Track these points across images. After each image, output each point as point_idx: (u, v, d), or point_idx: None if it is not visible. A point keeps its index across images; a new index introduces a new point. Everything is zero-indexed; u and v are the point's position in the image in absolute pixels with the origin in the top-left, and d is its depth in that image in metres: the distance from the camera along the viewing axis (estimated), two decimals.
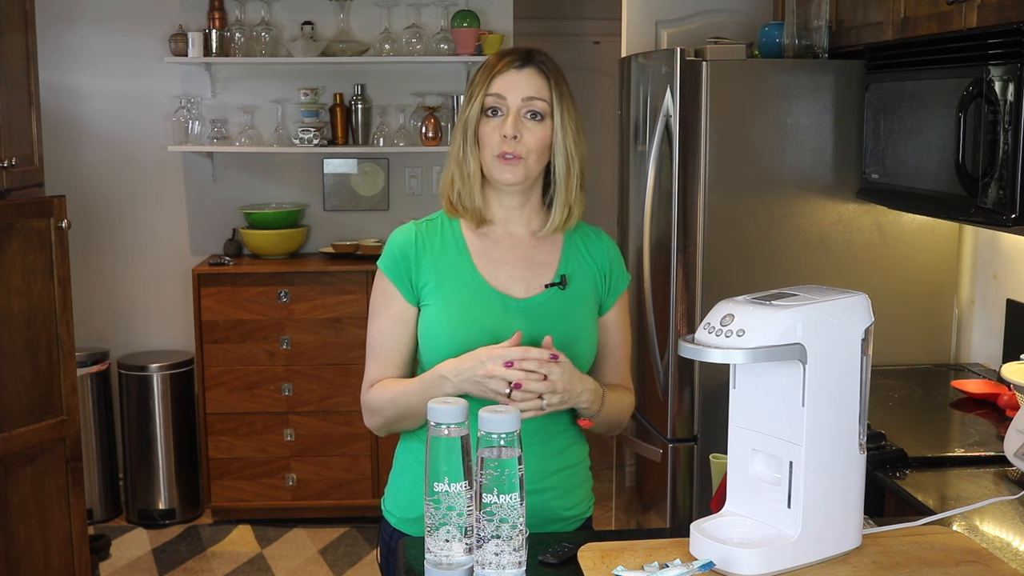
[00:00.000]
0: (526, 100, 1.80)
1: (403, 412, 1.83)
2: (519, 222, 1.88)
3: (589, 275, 1.89)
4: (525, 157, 1.80)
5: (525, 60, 1.83)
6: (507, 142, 1.78)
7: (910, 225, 2.92)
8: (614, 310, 1.92)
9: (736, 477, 1.57)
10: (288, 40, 4.54)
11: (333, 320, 4.34)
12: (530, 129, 1.80)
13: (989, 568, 1.50)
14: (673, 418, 2.93)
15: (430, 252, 1.85)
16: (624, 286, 1.94)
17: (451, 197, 1.86)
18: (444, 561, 1.48)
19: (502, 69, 1.81)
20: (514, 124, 1.79)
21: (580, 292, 1.87)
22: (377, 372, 1.86)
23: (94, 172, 4.67)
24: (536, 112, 1.80)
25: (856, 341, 1.49)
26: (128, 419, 4.49)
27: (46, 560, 3.11)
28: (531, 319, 1.81)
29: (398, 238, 1.87)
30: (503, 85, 1.81)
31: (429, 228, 1.88)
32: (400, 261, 1.85)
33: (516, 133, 1.78)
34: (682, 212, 2.88)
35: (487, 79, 1.82)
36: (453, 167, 1.85)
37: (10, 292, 2.94)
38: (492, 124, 1.81)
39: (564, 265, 1.88)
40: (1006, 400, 2.45)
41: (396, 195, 4.79)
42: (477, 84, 1.83)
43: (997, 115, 2.11)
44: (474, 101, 1.82)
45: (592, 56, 6.38)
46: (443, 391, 1.73)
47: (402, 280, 1.84)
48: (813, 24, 2.95)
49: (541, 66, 1.83)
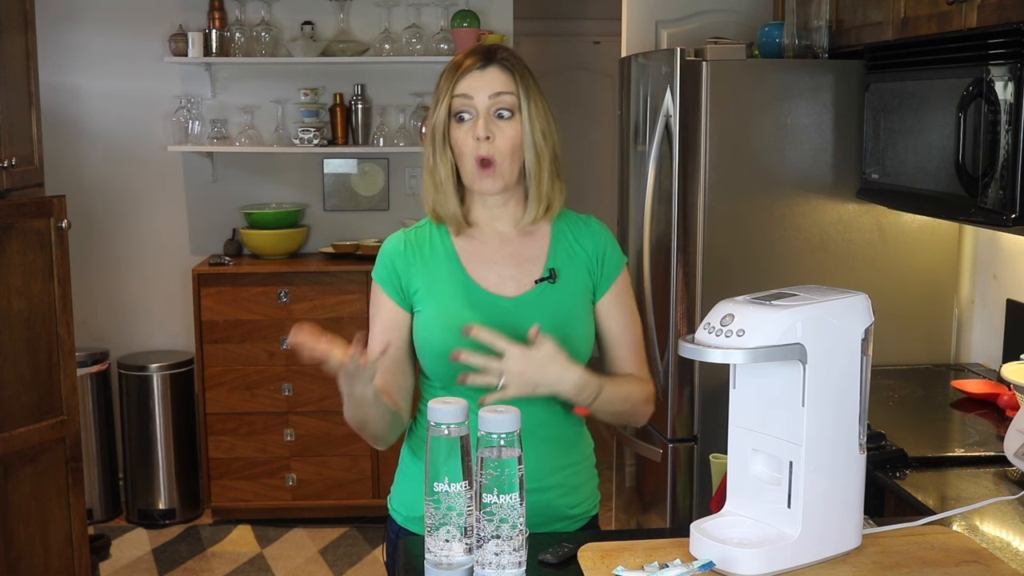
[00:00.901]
0: (493, 97, 1.80)
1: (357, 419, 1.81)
2: (505, 219, 1.89)
3: (580, 264, 1.89)
4: (500, 163, 1.80)
5: (488, 59, 1.82)
6: (481, 144, 1.78)
7: (910, 225, 2.92)
8: (611, 294, 1.90)
9: (736, 477, 1.57)
10: (288, 40, 4.54)
11: (333, 320, 4.34)
12: (501, 129, 1.80)
13: (989, 568, 1.50)
14: (673, 418, 2.93)
15: (419, 259, 1.86)
16: (619, 270, 1.92)
17: (433, 207, 1.87)
18: (444, 561, 1.48)
19: (466, 71, 1.81)
20: (485, 125, 1.79)
21: (571, 283, 1.87)
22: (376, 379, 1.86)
23: (94, 172, 4.67)
24: (505, 109, 1.80)
25: (856, 341, 1.49)
26: (128, 419, 4.49)
27: (46, 560, 3.11)
28: (523, 316, 1.81)
29: (387, 248, 1.90)
30: (468, 86, 1.80)
31: (418, 235, 1.90)
32: (391, 270, 1.87)
33: (488, 133, 1.78)
34: (682, 212, 2.88)
35: (451, 81, 1.81)
36: (426, 176, 1.86)
37: (10, 292, 2.94)
38: (463, 129, 1.80)
39: (552, 258, 1.87)
40: (1006, 400, 2.45)
41: (396, 195, 4.79)
42: (442, 88, 1.82)
43: (997, 115, 2.11)
44: (440, 105, 1.81)
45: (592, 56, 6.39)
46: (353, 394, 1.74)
47: (393, 288, 1.86)
48: (813, 24, 2.95)
49: (504, 63, 1.82)
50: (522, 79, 1.82)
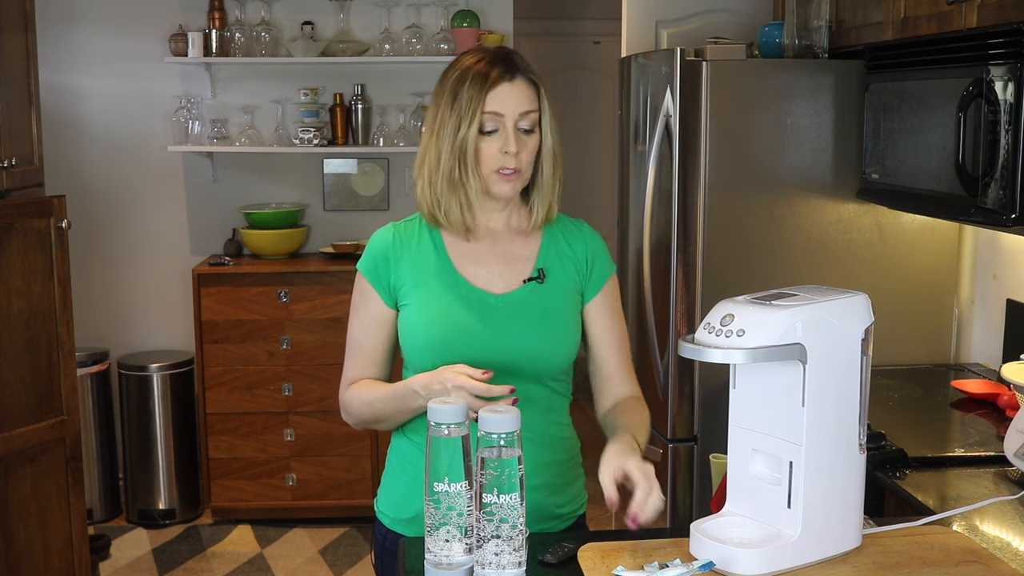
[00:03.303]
0: (522, 115, 1.80)
1: (377, 417, 1.86)
2: (499, 220, 1.90)
3: (570, 266, 1.90)
4: (523, 171, 1.82)
5: (512, 70, 1.80)
6: (508, 158, 1.79)
7: (910, 225, 2.92)
8: (599, 299, 1.91)
9: (736, 477, 1.57)
10: (288, 40, 4.54)
11: (333, 320, 4.34)
12: (524, 143, 1.81)
13: (989, 568, 1.50)
14: (673, 418, 2.93)
15: (408, 253, 1.87)
16: (607, 276, 1.92)
17: (435, 213, 1.86)
18: (444, 561, 1.48)
19: (495, 83, 1.78)
20: (516, 141, 1.79)
21: (560, 284, 1.87)
22: (355, 371, 1.89)
23: (94, 172, 4.67)
24: (529, 124, 1.81)
25: (856, 341, 1.49)
26: (128, 419, 4.49)
27: (46, 560, 3.11)
28: (510, 314, 1.82)
29: (376, 241, 1.91)
30: (499, 103, 1.78)
31: (407, 229, 1.91)
32: (378, 263, 1.88)
33: (519, 150, 1.79)
34: (682, 212, 2.88)
35: (481, 96, 1.77)
36: (444, 186, 1.82)
37: (10, 292, 2.94)
38: (489, 141, 1.80)
39: (542, 258, 1.88)
40: (1006, 400, 2.45)
41: (396, 195, 4.80)
42: (471, 100, 1.77)
43: (997, 115, 2.11)
44: (471, 121, 1.77)
45: (592, 56, 6.39)
46: (415, 404, 1.76)
47: (380, 283, 1.87)
48: (813, 24, 2.95)
49: (529, 76, 1.82)
50: (543, 93, 1.84)
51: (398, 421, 1.86)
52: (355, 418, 1.89)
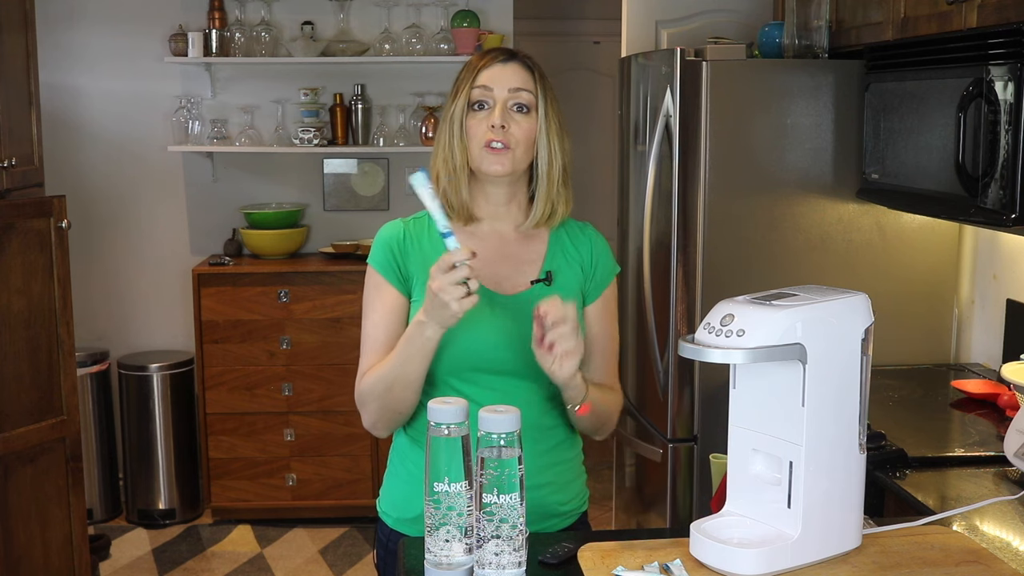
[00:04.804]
0: (513, 91, 1.81)
1: (391, 381, 1.78)
2: (506, 219, 1.90)
3: (575, 269, 1.90)
4: (513, 148, 1.81)
5: (509, 56, 1.86)
6: (495, 131, 1.80)
7: (910, 225, 2.92)
8: (599, 302, 1.92)
9: (736, 477, 1.57)
10: (288, 40, 4.54)
11: (333, 320, 4.34)
12: (517, 121, 1.81)
13: (989, 568, 1.50)
14: (673, 418, 2.93)
15: (417, 248, 1.87)
16: (610, 279, 1.94)
17: (446, 200, 1.86)
18: (444, 561, 1.48)
19: (487, 64, 1.84)
20: (502, 114, 1.80)
21: (566, 287, 1.87)
22: (370, 364, 1.86)
23: (94, 172, 4.67)
24: (522, 104, 1.82)
25: (856, 341, 1.49)
26: (128, 419, 4.49)
27: (46, 560, 3.12)
28: (517, 315, 1.82)
29: (385, 233, 1.90)
30: (489, 77, 1.82)
31: (416, 225, 1.90)
32: (392, 251, 1.87)
33: (504, 123, 1.80)
34: (682, 212, 2.88)
35: (472, 73, 1.84)
36: (439, 163, 1.86)
37: (10, 292, 2.94)
38: (479, 117, 1.82)
39: (550, 261, 1.89)
40: (1006, 400, 2.45)
41: (396, 195, 4.80)
42: (462, 80, 1.85)
43: (997, 115, 2.11)
44: (460, 96, 1.83)
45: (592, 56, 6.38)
46: (424, 335, 1.71)
47: (392, 272, 1.86)
48: (813, 24, 2.95)
49: (526, 61, 1.86)
50: (541, 79, 1.85)
51: (413, 379, 1.77)
52: (373, 401, 1.83)
